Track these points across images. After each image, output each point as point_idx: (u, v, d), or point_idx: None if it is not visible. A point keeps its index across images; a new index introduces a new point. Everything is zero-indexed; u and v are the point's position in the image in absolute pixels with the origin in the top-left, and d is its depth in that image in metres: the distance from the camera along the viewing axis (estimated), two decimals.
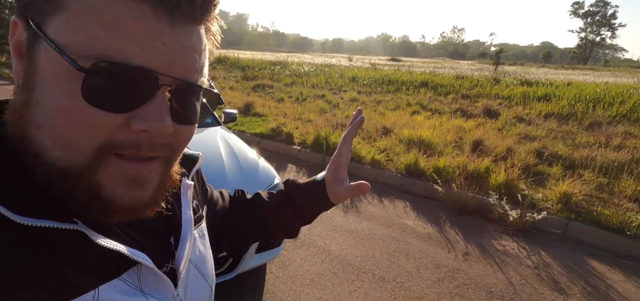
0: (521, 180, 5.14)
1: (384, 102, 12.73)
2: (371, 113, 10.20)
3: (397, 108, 11.67)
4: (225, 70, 22.14)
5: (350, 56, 37.58)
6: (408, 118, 9.22)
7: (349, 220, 4.10)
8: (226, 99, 10.48)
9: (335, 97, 13.68)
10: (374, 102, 12.66)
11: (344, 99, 13.24)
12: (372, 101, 12.88)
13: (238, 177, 2.72)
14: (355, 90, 15.73)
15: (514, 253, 3.69)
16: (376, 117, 9.21)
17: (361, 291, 2.86)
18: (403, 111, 11.12)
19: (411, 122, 8.75)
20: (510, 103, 12.27)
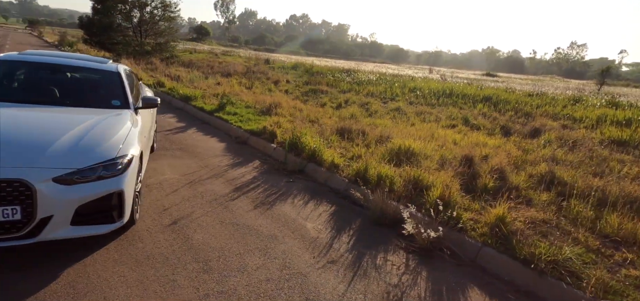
0: (467, 198, 4.62)
1: (424, 113, 12.19)
2: (399, 122, 9.87)
3: (434, 121, 11.11)
4: (296, 75, 23.05)
5: (430, 68, 36.16)
6: (427, 130, 8.73)
7: (250, 215, 4.16)
8: (255, 99, 11.05)
9: (378, 104, 13.45)
10: (413, 113, 12.18)
11: (387, 107, 12.98)
12: (412, 111, 12.40)
13: (65, 146, 2.97)
14: (406, 100, 15.28)
15: (387, 270, 3.39)
16: (403, 127, 8.87)
17: (172, 277, 2.93)
18: (436, 124, 10.55)
19: (428, 133, 8.29)
20: (576, 124, 10.86)
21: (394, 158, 6.09)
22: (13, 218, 2.62)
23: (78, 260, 2.93)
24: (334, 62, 39.70)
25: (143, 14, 24.47)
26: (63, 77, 4.33)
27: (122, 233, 3.40)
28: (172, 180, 4.91)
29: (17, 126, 3.19)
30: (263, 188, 5.03)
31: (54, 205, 2.75)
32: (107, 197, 3.01)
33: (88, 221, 2.97)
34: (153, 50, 23.49)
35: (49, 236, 2.79)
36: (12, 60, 4.31)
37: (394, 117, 11.43)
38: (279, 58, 34.99)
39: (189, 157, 6.04)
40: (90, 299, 2.54)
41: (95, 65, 4.58)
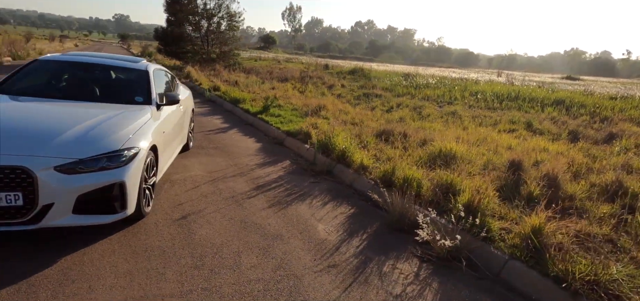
0: (504, 205, 4.10)
1: (481, 117, 11.43)
2: (450, 126, 9.32)
3: (491, 125, 10.34)
4: (353, 80, 22.89)
5: (499, 71, 33.78)
6: (480, 134, 8.12)
7: (261, 213, 4.06)
8: (303, 102, 11.06)
9: (432, 108, 12.86)
10: (469, 116, 11.45)
11: (441, 111, 12.38)
12: (468, 115, 11.68)
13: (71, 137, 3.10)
14: (465, 103, 14.48)
15: (392, 278, 3.08)
16: (453, 130, 8.34)
17: (161, 271, 2.89)
18: (493, 128, 9.81)
19: (480, 137, 7.70)
20: None
21: (432, 161, 5.67)
22: (15, 203, 2.76)
23: (78, 249, 3.02)
24: (394, 67, 38.86)
25: (210, 24, 25.91)
26: (94, 75, 4.61)
27: (130, 225, 3.47)
28: (197, 177, 4.99)
29: (31, 118, 3.41)
30: (284, 187, 4.92)
31: (55, 192, 2.86)
32: (109, 187, 3.08)
33: (90, 210, 3.06)
34: (218, 58, 24.75)
35: (51, 223, 2.91)
36: (51, 60, 4.68)
37: (446, 120, 10.80)
38: (338, 63, 35.08)
39: (221, 155, 6.13)
40: (76, 286, 2.59)
41: (126, 64, 4.82)
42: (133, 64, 4.85)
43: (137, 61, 4.98)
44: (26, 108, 3.63)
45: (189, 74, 17.16)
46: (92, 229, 3.29)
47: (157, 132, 4.00)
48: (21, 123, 3.23)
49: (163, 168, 4.32)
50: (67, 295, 2.49)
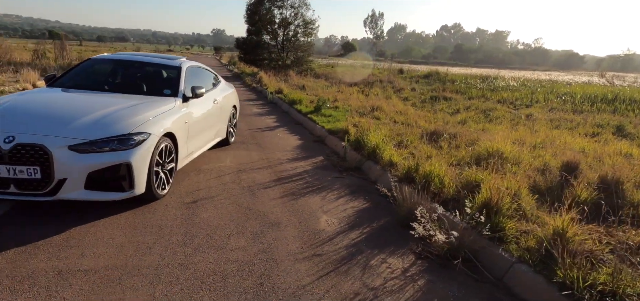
0: (540, 208, 3.60)
1: (561, 120, 10.37)
2: (519, 128, 8.57)
3: (571, 128, 9.28)
4: (426, 83, 22.10)
5: (602, 73, 29.81)
6: (550, 137, 7.32)
7: (271, 202, 4.09)
8: (361, 104, 10.94)
9: (506, 110, 11.93)
10: (546, 119, 10.41)
11: (515, 114, 11.46)
12: (546, 118, 10.65)
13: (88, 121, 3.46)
14: (547, 106, 13.19)
15: (376, 271, 2.88)
16: (519, 132, 7.64)
17: (151, 245, 3.05)
18: (571, 131, 8.77)
19: (547, 140, 6.95)
20: None
21: (475, 161, 5.21)
22: (34, 176, 3.16)
23: (89, 221, 3.34)
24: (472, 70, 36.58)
25: (286, 32, 26.99)
26: (132, 71, 5.08)
27: (143, 204, 3.75)
28: (225, 168, 5.21)
29: (60, 105, 3.86)
30: (305, 181, 4.90)
31: (68, 169, 3.21)
32: (116, 167, 3.37)
33: (100, 187, 3.37)
34: (292, 64, 25.65)
35: (65, 196, 3.26)
36: (100, 58, 5.28)
37: (517, 123, 9.89)
38: (413, 68, 34.10)
39: (258, 150, 6.32)
40: (71, 252, 2.86)
41: (163, 61, 5.23)
42: (169, 61, 5.25)
43: (175, 59, 5.38)
44: (62, 98, 4.14)
45: (261, 78, 18.04)
46: (107, 205, 3.61)
47: (178, 121, 4.27)
48: (50, 109, 3.69)
49: (186, 156, 4.58)
50: (61, 258, 2.77)
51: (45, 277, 2.53)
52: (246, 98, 13.56)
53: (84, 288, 2.44)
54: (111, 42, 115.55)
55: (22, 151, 3.13)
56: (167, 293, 2.47)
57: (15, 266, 2.62)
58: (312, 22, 27.00)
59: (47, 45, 24.42)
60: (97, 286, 2.48)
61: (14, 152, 3.13)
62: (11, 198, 3.24)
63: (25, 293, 2.36)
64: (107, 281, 2.54)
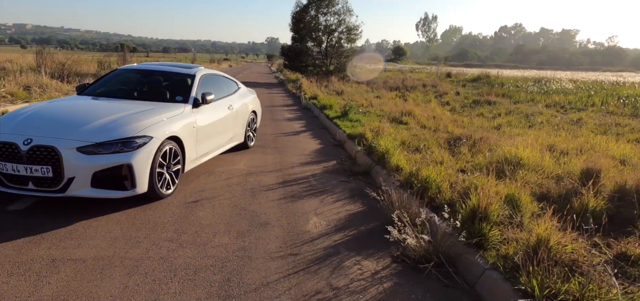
0: (546, 218, 3.40)
1: (612, 125, 9.65)
2: (561, 134, 8.11)
3: (619, 134, 8.63)
4: (473, 87, 21.30)
5: None
6: (591, 143, 6.84)
7: (267, 204, 4.22)
8: (392, 109, 10.82)
9: (551, 115, 11.29)
10: (595, 124, 9.78)
11: (562, 118, 10.85)
12: (595, 123, 10.03)
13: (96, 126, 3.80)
14: (603, 110, 12.35)
15: (345, 273, 2.90)
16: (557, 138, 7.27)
17: (140, 239, 3.29)
18: (619, 137, 8.14)
19: (585, 146, 6.52)
20: None
21: (491, 168, 5.00)
22: (47, 175, 3.54)
23: (94, 216, 3.67)
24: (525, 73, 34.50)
25: (330, 39, 27.27)
26: (152, 79, 5.47)
27: (147, 202, 4.04)
28: (236, 170, 5.44)
29: (75, 112, 4.26)
30: (309, 184, 4.99)
31: (76, 168, 3.56)
32: (119, 167, 3.68)
33: (105, 185, 3.69)
34: (335, 70, 25.84)
35: (74, 193, 3.62)
36: (126, 68, 5.75)
37: (560, 128, 9.26)
38: (462, 71, 32.88)
39: (275, 154, 6.51)
40: (70, 242, 3.17)
41: (180, 70, 5.58)
42: (186, 70, 5.59)
43: (192, 68, 5.72)
44: (81, 105, 4.57)
45: (301, 84, 18.39)
46: (114, 202, 3.94)
47: (186, 126, 4.55)
48: (66, 115, 4.11)
49: (195, 159, 4.85)
50: (59, 247, 3.09)
51: (40, 264, 2.84)
52: (282, 104, 13.92)
53: (69, 275, 2.72)
54: (174, 53, 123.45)
55: (37, 152, 3.54)
56: (140, 283, 2.68)
57: (19, 254, 2.96)
58: (356, 28, 27.05)
59: (112, 57, 26.67)
60: (81, 274, 2.74)
61: (30, 152, 3.54)
62: (29, 193, 3.66)
63: (19, 277, 2.67)
64: (91, 270, 2.80)
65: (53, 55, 15.89)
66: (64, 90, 11.88)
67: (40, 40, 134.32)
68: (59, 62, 14.97)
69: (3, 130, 3.71)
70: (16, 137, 3.59)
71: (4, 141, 3.58)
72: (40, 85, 11.11)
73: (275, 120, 10.22)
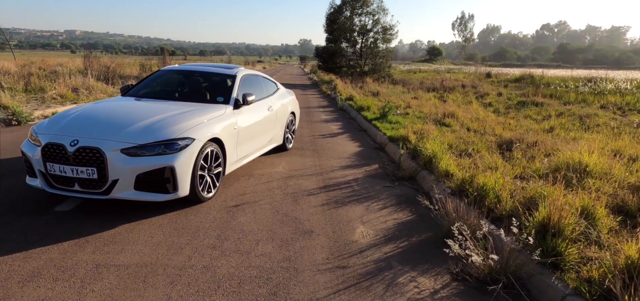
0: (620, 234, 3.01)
1: None
2: (623, 138, 7.51)
3: None
4: (516, 87, 20.36)
5: None
6: None
7: (310, 210, 4.03)
8: (432, 110, 10.40)
9: (609, 118, 10.56)
10: None
11: (622, 121, 10.10)
12: None
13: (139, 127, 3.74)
14: None
15: (400, 290, 2.65)
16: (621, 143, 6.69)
17: (182, 245, 3.18)
18: None
19: None
20: None
21: (550, 175, 4.58)
22: (92, 176, 3.50)
23: (136, 220, 3.60)
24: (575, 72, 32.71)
25: (365, 40, 26.93)
26: (193, 80, 5.41)
27: (189, 206, 3.95)
28: (276, 173, 5.29)
29: (120, 113, 4.22)
30: (352, 189, 4.75)
31: (120, 170, 3.51)
32: (161, 170, 3.59)
33: (147, 188, 3.62)
34: (370, 71, 25.46)
35: (118, 196, 3.56)
36: (168, 69, 5.72)
37: (622, 131, 8.56)
38: (503, 72, 31.58)
39: (313, 157, 6.32)
40: (114, 247, 3.10)
41: (220, 70, 5.50)
42: (227, 70, 5.50)
43: (232, 68, 5.63)
44: (125, 106, 4.55)
45: (336, 86, 18.18)
46: (156, 205, 3.87)
47: (227, 127, 4.44)
48: (111, 116, 4.08)
49: (236, 161, 4.74)
50: (103, 252, 3.02)
51: (84, 270, 2.77)
52: (317, 106, 13.75)
53: (112, 283, 2.62)
54: (210, 55, 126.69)
55: (83, 153, 3.51)
56: (183, 293, 2.54)
57: (64, 258, 2.91)
58: (391, 28, 26.58)
59: (153, 60, 27.54)
60: (124, 281, 2.64)
61: (76, 154, 3.51)
62: (74, 195, 3.64)
63: (63, 283, 2.60)
64: (134, 277, 2.69)
65: (99, 59, 16.52)
66: (109, 92, 12.26)
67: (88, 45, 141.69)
68: (104, 65, 15.54)
69: (51, 132, 3.72)
70: (63, 138, 3.58)
71: (52, 142, 3.58)
72: (87, 87, 11.51)
73: (311, 121, 10.06)
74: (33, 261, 2.83)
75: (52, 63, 21.78)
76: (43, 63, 21.29)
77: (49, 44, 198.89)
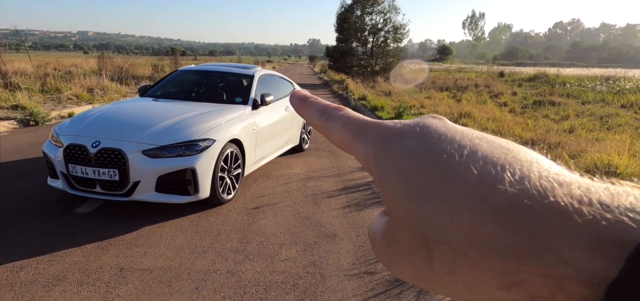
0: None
1: None
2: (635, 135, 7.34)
3: None
4: (531, 87, 20.07)
5: None
6: None
7: (331, 212, 3.96)
8: (448, 110, 10.27)
9: (630, 117, 10.37)
10: None
11: None
12: None
13: (160, 128, 3.70)
14: None
15: (424, 298, 2.56)
16: None
17: (206, 249, 3.14)
18: None
19: None
20: None
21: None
22: (113, 178, 3.48)
23: (157, 222, 3.57)
24: (592, 71, 32.16)
25: (376, 39, 26.76)
26: (211, 80, 5.38)
27: (208, 208, 3.91)
28: (294, 174, 5.23)
29: (140, 114, 4.19)
30: (372, 191, 4.67)
31: (141, 172, 3.48)
32: (182, 171, 3.56)
33: (168, 190, 3.59)
34: (381, 70, 25.29)
35: (139, 197, 3.53)
36: (185, 69, 5.69)
37: None
38: (517, 71, 31.17)
39: (330, 158, 6.25)
40: (137, 250, 3.07)
41: (238, 70, 5.46)
42: (244, 70, 5.46)
43: (250, 68, 5.58)
44: (145, 107, 4.52)
45: (347, 86, 18.09)
46: (176, 207, 3.84)
47: (246, 128, 4.39)
48: (132, 117, 4.05)
49: (254, 162, 4.69)
50: (127, 255, 2.99)
51: (109, 273, 2.73)
52: None
53: (137, 287, 2.58)
54: (220, 56, 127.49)
55: (105, 155, 3.48)
56: (209, 300, 2.49)
57: (88, 261, 2.88)
58: (402, 27, 26.36)
59: (165, 60, 27.74)
60: (149, 286, 2.60)
61: (98, 155, 3.49)
62: (96, 196, 3.62)
63: (88, 287, 2.57)
64: (158, 282, 2.65)
65: (112, 60, 16.64)
66: (123, 92, 12.34)
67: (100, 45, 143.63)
68: (117, 66, 15.66)
69: (72, 133, 3.71)
70: (85, 140, 3.56)
71: (74, 143, 3.56)
72: (101, 88, 11.59)
73: None
74: (57, 265, 2.80)
75: (66, 64, 22.05)
76: (58, 63, 21.56)
77: (62, 44, 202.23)
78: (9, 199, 3.94)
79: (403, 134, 0.23)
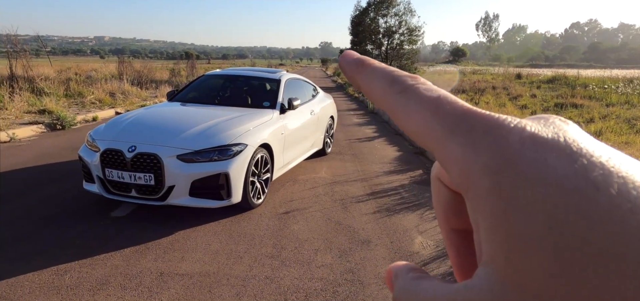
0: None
1: None
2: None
3: None
4: (550, 89, 19.75)
5: None
6: None
7: (362, 218, 3.94)
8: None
9: None
10: None
11: None
12: None
13: (193, 133, 3.74)
14: None
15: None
16: None
17: (241, 254, 3.15)
18: None
19: None
20: None
21: None
22: (149, 183, 3.52)
23: (191, 226, 3.59)
24: (613, 72, 31.50)
25: (391, 41, 26.69)
26: (237, 84, 5.41)
27: (240, 212, 3.92)
28: (319, 179, 5.22)
29: (172, 118, 4.24)
30: (401, 196, 4.64)
31: (176, 177, 3.51)
32: (216, 176, 3.58)
33: (201, 194, 3.61)
34: None
35: (173, 202, 3.57)
36: (211, 74, 5.74)
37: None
38: (534, 72, 30.72)
39: (354, 161, 6.23)
40: (174, 254, 3.10)
41: (264, 75, 5.48)
42: (271, 74, 5.48)
43: (275, 72, 5.60)
44: (176, 111, 4.57)
45: None
46: (208, 211, 3.86)
47: (275, 132, 4.40)
48: (165, 122, 4.10)
49: (282, 166, 4.70)
50: (165, 259, 3.01)
51: (150, 278, 2.76)
52: (347, 109, 13.65)
53: (179, 292, 2.60)
54: (233, 59, 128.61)
55: (141, 159, 3.53)
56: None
57: (128, 265, 2.92)
58: (418, 29, 26.25)
59: (181, 64, 28.09)
60: (190, 291, 2.62)
61: (134, 160, 3.53)
62: (131, 201, 3.66)
63: (132, 291, 2.60)
64: (199, 287, 2.67)
65: (132, 64, 16.91)
66: (143, 96, 12.52)
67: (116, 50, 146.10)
68: (136, 70, 15.91)
69: (108, 137, 3.76)
70: (121, 144, 3.61)
71: (111, 148, 3.61)
72: (122, 92, 11.78)
73: (344, 125, 9.96)
74: (99, 269, 2.84)
75: (86, 68, 22.51)
76: (78, 68, 22.02)
77: (79, 49, 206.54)
78: (45, 202, 4.02)
79: (542, 144, 0.15)
